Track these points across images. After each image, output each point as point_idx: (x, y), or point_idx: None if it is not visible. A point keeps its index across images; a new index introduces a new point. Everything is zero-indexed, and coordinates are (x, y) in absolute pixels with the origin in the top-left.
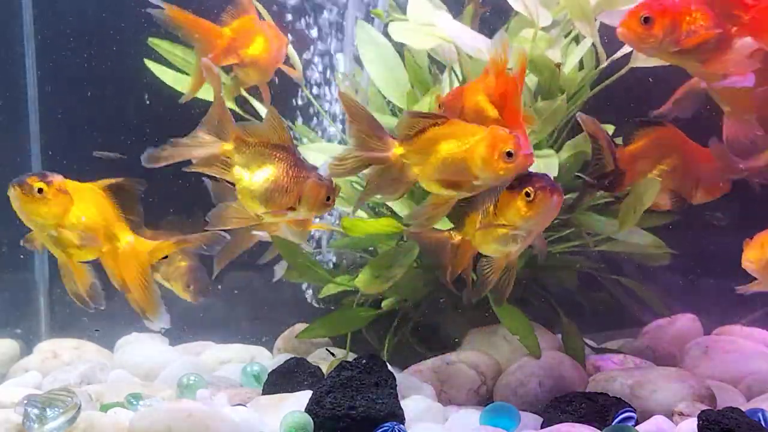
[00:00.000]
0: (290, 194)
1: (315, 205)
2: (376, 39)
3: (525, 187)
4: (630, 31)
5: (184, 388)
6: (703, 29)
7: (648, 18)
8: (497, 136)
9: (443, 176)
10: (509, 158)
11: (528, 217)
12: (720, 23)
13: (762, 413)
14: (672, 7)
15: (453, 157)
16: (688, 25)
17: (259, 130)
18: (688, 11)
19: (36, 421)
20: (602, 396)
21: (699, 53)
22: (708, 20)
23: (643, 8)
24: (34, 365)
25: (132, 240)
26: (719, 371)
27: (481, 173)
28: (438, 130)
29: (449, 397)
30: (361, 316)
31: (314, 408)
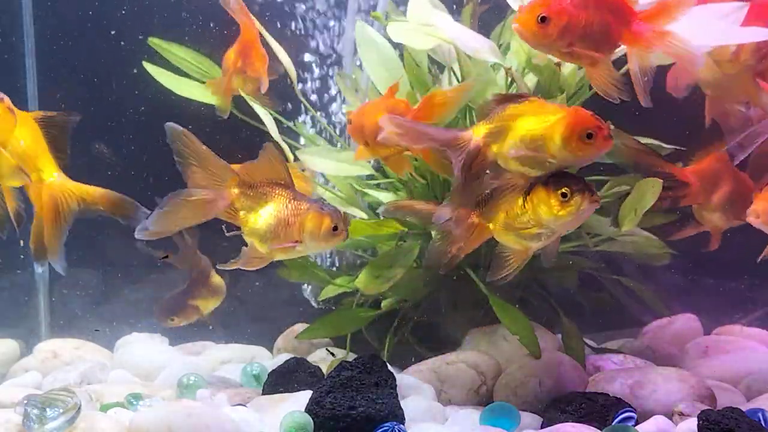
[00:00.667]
0: (292, 228)
1: (320, 236)
2: (375, 39)
3: (562, 187)
4: (526, 29)
5: (184, 388)
6: (596, 33)
7: (545, 17)
8: (578, 116)
9: (519, 154)
10: (589, 139)
11: (558, 218)
12: (613, 26)
13: (762, 413)
14: (568, 9)
15: (531, 134)
16: (583, 28)
17: (257, 168)
18: (584, 14)
19: (36, 421)
20: (602, 396)
21: (588, 56)
22: (602, 23)
23: (541, 7)
24: (34, 365)
25: (58, 176)
26: (719, 371)
27: (559, 153)
28: (517, 107)
29: (449, 397)
30: (361, 316)
31: (314, 408)
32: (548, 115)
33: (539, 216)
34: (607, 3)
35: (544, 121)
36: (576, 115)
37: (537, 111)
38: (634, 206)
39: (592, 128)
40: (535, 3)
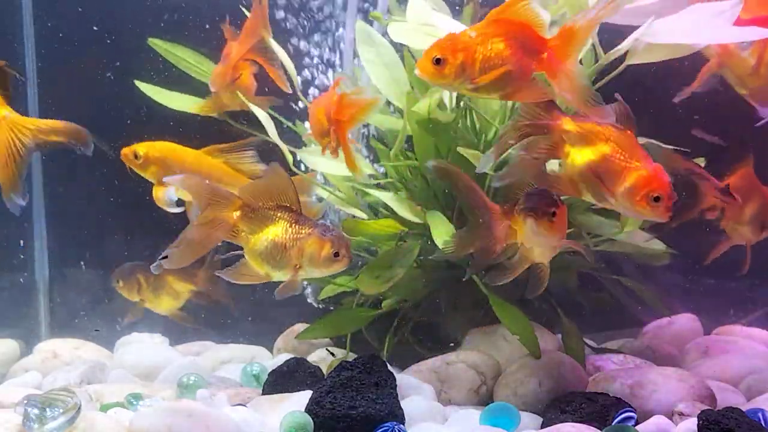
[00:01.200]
0: (291, 252)
1: (320, 261)
2: (375, 39)
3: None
4: (424, 72)
5: (184, 388)
6: (498, 66)
7: (439, 59)
8: (657, 176)
9: (585, 172)
10: (654, 202)
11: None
12: (519, 57)
13: (762, 413)
14: (464, 47)
15: (606, 164)
16: (483, 63)
17: (263, 187)
18: (483, 49)
19: (36, 421)
20: (602, 396)
21: (497, 89)
22: (504, 56)
23: (435, 49)
24: (34, 365)
25: (8, 114)
26: (719, 371)
27: (621, 199)
28: (606, 129)
29: (449, 397)
30: (361, 316)
31: (314, 408)
32: (633, 159)
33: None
34: (512, 35)
35: (625, 160)
36: (656, 173)
37: (626, 146)
38: None
39: (663, 195)
40: (432, 45)
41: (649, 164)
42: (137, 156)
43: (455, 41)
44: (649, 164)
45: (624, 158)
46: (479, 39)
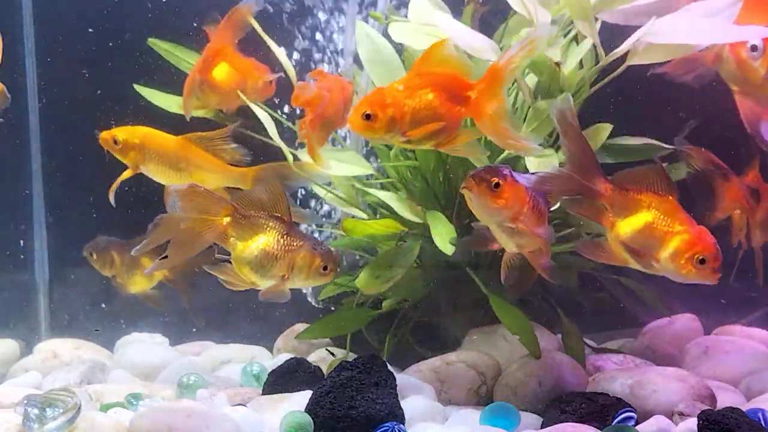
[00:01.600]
0: (281, 263)
1: (309, 274)
2: (375, 39)
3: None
4: (355, 127)
5: (184, 388)
6: (428, 118)
7: (369, 115)
8: (702, 238)
9: (629, 243)
10: (700, 264)
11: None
12: (448, 107)
13: (762, 413)
14: (393, 102)
15: (650, 233)
16: (413, 116)
17: (256, 198)
18: (412, 103)
19: (36, 421)
20: (602, 396)
21: (429, 140)
22: (433, 107)
23: (364, 104)
24: (34, 365)
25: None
26: (719, 371)
27: (666, 264)
28: (647, 197)
29: (449, 397)
30: (361, 316)
31: (314, 408)
32: (676, 223)
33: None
34: (439, 85)
35: (668, 225)
36: (700, 236)
37: (668, 211)
38: None
39: (709, 257)
40: (361, 101)
41: (692, 227)
42: (116, 141)
43: (384, 96)
44: (693, 227)
45: (667, 224)
46: (407, 92)
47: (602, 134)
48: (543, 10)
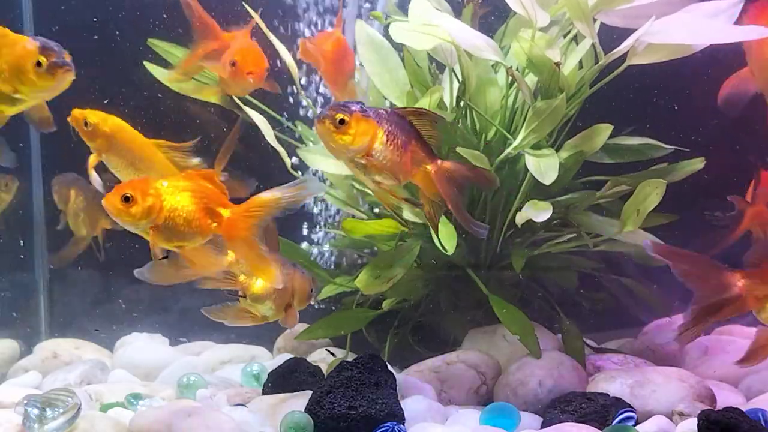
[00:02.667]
0: (287, 293)
1: (304, 297)
2: (375, 39)
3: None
4: (109, 206)
5: (184, 388)
6: (180, 219)
7: (128, 197)
8: None
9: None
10: None
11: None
12: (201, 216)
13: (762, 413)
14: (155, 193)
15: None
16: (169, 212)
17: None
18: (171, 201)
19: (36, 421)
20: (602, 396)
21: (175, 239)
22: (188, 212)
23: (127, 187)
24: (34, 365)
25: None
26: (719, 371)
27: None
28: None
29: (449, 397)
30: (361, 316)
31: (314, 408)
32: None
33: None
34: (201, 193)
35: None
36: None
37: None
38: (637, 207)
39: None
40: (124, 184)
41: None
42: (87, 123)
43: (147, 185)
44: None
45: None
46: (170, 190)
47: (602, 134)
48: (542, 10)
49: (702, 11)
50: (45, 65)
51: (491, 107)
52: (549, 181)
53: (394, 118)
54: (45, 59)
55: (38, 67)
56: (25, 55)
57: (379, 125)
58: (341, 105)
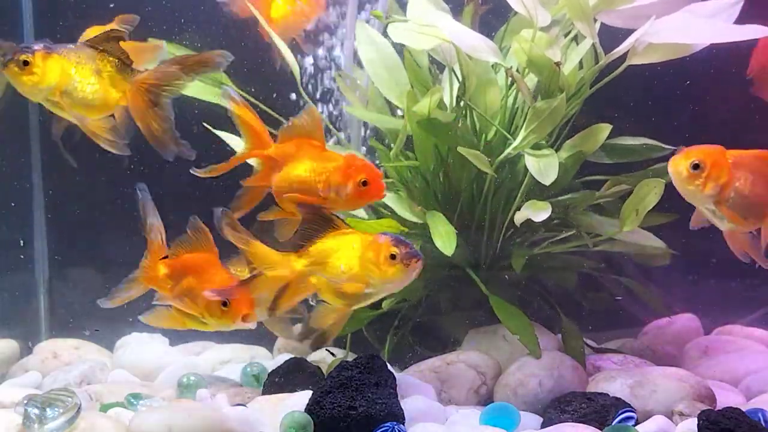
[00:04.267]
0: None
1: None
2: (375, 39)
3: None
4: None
5: (184, 388)
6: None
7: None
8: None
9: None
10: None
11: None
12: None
13: (762, 413)
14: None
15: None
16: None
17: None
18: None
19: (36, 421)
20: (602, 396)
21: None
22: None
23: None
24: (34, 365)
25: None
26: (719, 371)
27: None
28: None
29: (449, 397)
30: (361, 316)
31: (314, 408)
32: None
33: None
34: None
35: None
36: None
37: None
38: (636, 206)
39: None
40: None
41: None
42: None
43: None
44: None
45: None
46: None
47: (602, 134)
48: (543, 10)
49: (702, 11)
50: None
51: (491, 107)
52: (549, 181)
53: (84, 49)
54: (398, 251)
55: (392, 260)
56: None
57: (67, 60)
58: (24, 47)
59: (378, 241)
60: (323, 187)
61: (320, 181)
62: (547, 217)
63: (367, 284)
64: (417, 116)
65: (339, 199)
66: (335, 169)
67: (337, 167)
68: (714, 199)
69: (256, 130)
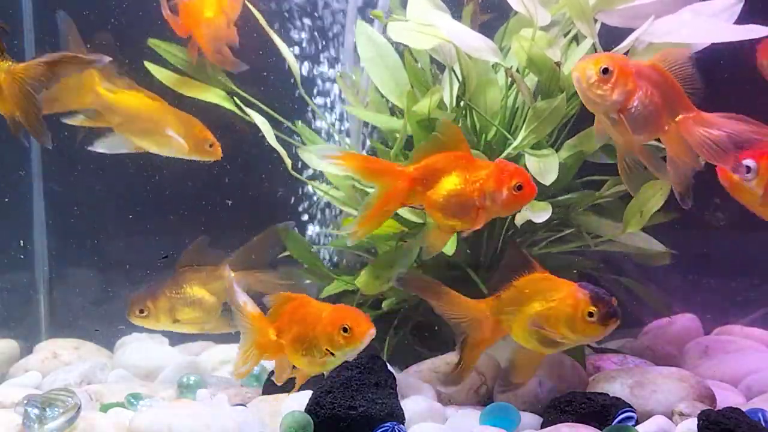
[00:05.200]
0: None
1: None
2: (375, 39)
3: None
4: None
5: (184, 388)
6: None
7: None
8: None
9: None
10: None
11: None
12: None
13: (762, 413)
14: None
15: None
16: None
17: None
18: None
19: (36, 421)
20: (602, 396)
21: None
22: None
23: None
24: (34, 365)
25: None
26: (719, 371)
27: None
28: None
29: (449, 397)
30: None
31: (314, 408)
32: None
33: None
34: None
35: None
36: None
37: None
38: (640, 208)
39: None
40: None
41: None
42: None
43: None
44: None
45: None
46: None
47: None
48: (543, 9)
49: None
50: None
51: (491, 107)
52: (549, 181)
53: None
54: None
55: (590, 318)
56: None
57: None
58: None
59: (576, 296)
60: (478, 196)
61: (475, 190)
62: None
63: (562, 336)
64: (417, 116)
65: (495, 206)
66: (488, 176)
67: (490, 174)
68: (619, 106)
69: (379, 165)
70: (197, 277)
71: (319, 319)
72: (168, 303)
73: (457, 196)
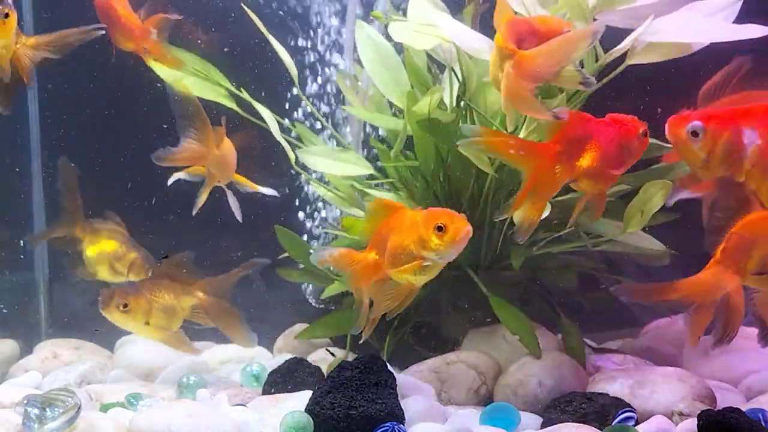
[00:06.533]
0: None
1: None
2: (375, 39)
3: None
4: None
5: (184, 388)
6: None
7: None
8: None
9: None
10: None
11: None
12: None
13: (762, 413)
14: None
15: None
16: None
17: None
18: None
19: (36, 421)
20: (602, 396)
21: None
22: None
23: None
24: (34, 365)
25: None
26: (719, 371)
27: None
28: None
29: (449, 397)
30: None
31: (314, 408)
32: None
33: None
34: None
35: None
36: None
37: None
38: (641, 207)
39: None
40: None
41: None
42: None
43: None
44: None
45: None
46: None
47: None
48: (543, 9)
49: (701, 10)
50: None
51: (491, 107)
52: None
53: None
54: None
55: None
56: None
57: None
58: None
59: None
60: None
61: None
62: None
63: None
64: (417, 116)
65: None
66: (626, 132)
67: (625, 127)
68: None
69: (519, 143)
70: (172, 287)
71: (414, 223)
72: (147, 304)
73: (604, 160)
